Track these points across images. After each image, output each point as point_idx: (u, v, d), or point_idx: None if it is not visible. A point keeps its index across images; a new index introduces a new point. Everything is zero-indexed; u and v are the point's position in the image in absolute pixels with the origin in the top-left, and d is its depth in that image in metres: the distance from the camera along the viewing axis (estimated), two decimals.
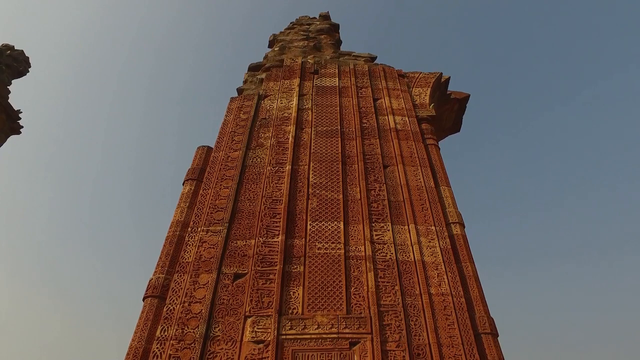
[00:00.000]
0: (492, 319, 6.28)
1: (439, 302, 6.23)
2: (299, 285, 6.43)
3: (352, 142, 8.73)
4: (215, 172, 8.14)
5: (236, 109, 9.60)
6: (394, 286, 6.37)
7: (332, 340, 5.80)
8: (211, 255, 6.81)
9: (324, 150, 8.56)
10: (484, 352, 5.85)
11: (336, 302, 6.22)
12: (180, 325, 6.01)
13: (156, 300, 6.40)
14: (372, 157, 8.43)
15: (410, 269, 6.63)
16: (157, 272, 6.76)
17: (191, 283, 6.48)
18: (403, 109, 9.70)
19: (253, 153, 8.57)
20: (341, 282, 6.43)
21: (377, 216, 7.37)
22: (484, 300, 6.47)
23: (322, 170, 8.16)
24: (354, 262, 6.71)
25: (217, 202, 7.60)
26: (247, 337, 5.89)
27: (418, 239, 7.02)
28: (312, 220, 7.31)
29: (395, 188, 7.90)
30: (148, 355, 5.80)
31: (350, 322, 5.95)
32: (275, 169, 8.16)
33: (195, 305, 6.22)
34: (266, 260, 6.70)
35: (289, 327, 5.95)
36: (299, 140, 8.79)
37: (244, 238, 7.08)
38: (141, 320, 6.23)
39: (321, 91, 10.12)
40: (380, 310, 6.06)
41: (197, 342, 5.81)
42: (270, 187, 7.82)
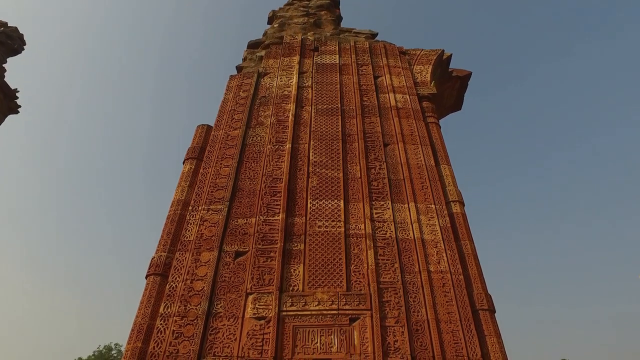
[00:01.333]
0: (490, 296, 6.37)
1: (438, 280, 6.31)
2: (300, 262, 6.50)
3: (352, 120, 8.69)
4: (215, 150, 8.13)
5: (236, 87, 9.51)
6: (394, 264, 6.44)
7: (333, 317, 5.90)
8: (212, 233, 6.86)
9: (324, 129, 8.53)
10: (481, 328, 5.95)
11: (336, 279, 6.30)
12: (182, 302, 6.10)
13: (159, 278, 6.49)
14: (372, 136, 8.40)
15: (409, 247, 6.68)
16: (159, 251, 6.82)
17: (193, 261, 6.55)
18: (404, 87, 9.61)
19: (253, 131, 8.53)
20: (341, 260, 6.49)
21: (377, 194, 7.39)
22: (482, 278, 6.55)
23: (322, 149, 8.15)
24: (354, 240, 6.76)
25: (218, 180, 7.62)
26: (249, 314, 5.99)
27: (418, 217, 7.06)
28: (313, 198, 7.33)
29: (395, 166, 7.90)
30: (152, 331, 5.91)
31: (350, 299, 6.04)
32: (275, 147, 8.15)
33: (197, 283, 6.30)
34: (267, 238, 6.75)
35: (290, 303, 6.05)
36: (299, 119, 8.74)
37: (244, 216, 7.12)
38: (144, 297, 6.32)
39: (321, 69, 10.01)
40: (380, 287, 6.14)
41: (200, 318, 5.92)
42: (271, 166, 7.82)
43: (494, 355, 5.71)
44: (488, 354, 5.72)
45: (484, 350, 5.72)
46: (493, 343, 5.80)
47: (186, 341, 5.72)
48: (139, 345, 5.79)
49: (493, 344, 5.79)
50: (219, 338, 5.79)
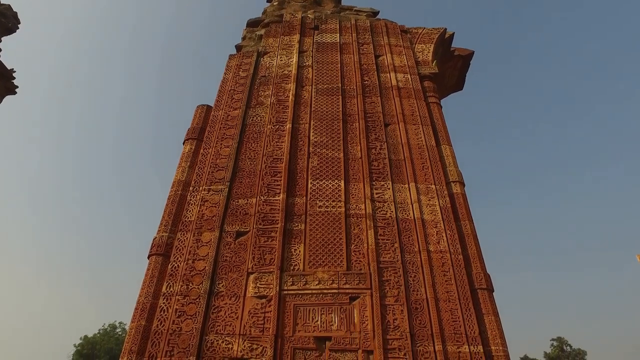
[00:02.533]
0: (489, 275, 6.44)
1: (437, 259, 6.37)
2: (300, 242, 6.55)
3: (353, 100, 8.63)
4: (215, 131, 8.10)
5: (235, 67, 9.42)
6: (394, 243, 6.49)
7: (333, 296, 5.98)
8: (213, 213, 6.89)
9: (325, 109, 8.47)
10: (479, 307, 6.04)
11: (337, 258, 6.36)
12: (185, 282, 6.18)
13: (161, 258, 6.55)
14: (373, 116, 8.36)
15: (409, 227, 6.72)
16: (161, 231, 6.87)
17: (194, 241, 6.59)
18: (405, 66, 9.51)
19: (253, 111, 8.49)
20: (341, 240, 6.54)
21: (378, 175, 7.40)
22: (481, 258, 6.61)
23: (322, 129, 8.11)
24: (354, 220, 6.80)
25: (218, 161, 7.61)
26: (250, 293, 6.07)
27: (418, 198, 7.08)
28: (313, 178, 7.34)
29: (396, 146, 7.88)
30: (155, 310, 6.00)
31: (351, 278, 6.10)
32: (275, 127, 8.11)
33: (199, 263, 6.37)
34: (267, 219, 6.78)
35: (291, 282, 6.12)
36: (300, 99, 8.68)
37: (245, 197, 7.14)
38: (147, 277, 6.39)
39: (322, 48, 9.89)
40: (380, 267, 6.21)
41: (202, 297, 6.00)
42: (271, 146, 7.80)
43: (492, 333, 5.80)
44: (486, 331, 5.81)
45: (482, 328, 5.82)
46: (491, 321, 5.90)
47: (189, 319, 5.81)
48: (142, 323, 5.89)
49: (491, 322, 5.89)
50: (221, 316, 5.88)
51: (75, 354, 30.63)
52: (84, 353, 30.26)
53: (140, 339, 5.76)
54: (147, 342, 5.71)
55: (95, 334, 32.39)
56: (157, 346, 5.63)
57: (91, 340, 31.33)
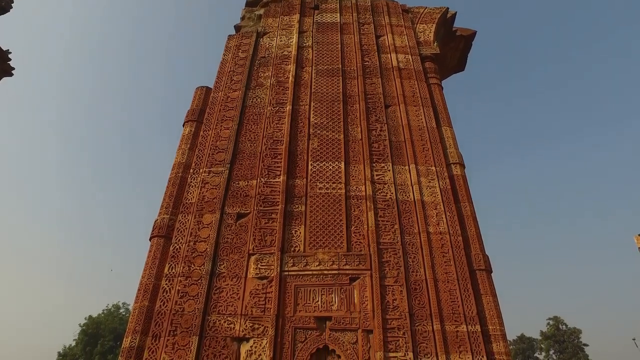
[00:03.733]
0: (487, 256, 6.50)
1: (437, 241, 6.41)
2: (301, 224, 6.59)
3: (353, 82, 8.56)
4: (215, 113, 8.07)
5: (234, 48, 9.32)
6: (394, 225, 6.52)
7: (333, 276, 6.05)
8: (214, 195, 6.92)
9: (325, 90, 8.42)
10: (478, 287, 6.11)
11: (337, 240, 6.40)
12: (186, 263, 6.24)
13: (162, 240, 6.60)
14: (373, 97, 8.31)
15: (409, 209, 6.75)
16: (162, 213, 6.90)
17: (195, 223, 6.64)
18: (406, 47, 9.40)
19: (253, 93, 8.43)
20: (342, 221, 6.58)
21: (378, 156, 7.39)
22: (480, 239, 6.66)
23: (323, 110, 8.08)
24: (354, 201, 6.82)
25: (218, 143, 7.60)
26: (251, 274, 6.14)
27: (418, 179, 7.09)
28: (313, 160, 7.34)
29: (396, 128, 7.85)
30: (158, 291, 6.08)
31: (351, 259, 6.16)
32: (275, 109, 8.08)
33: (200, 244, 6.42)
34: (268, 200, 6.81)
35: (291, 264, 6.18)
36: (300, 80, 8.62)
37: (245, 178, 7.16)
38: (149, 258, 6.45)
39: (322, 28, 9.77)
40: (380, 248, 6.26)
41: (204, 278, 6.07)
42: (271, 128, 7.78)
43: (489, 312, 5.89)
44: (483, 311, 5.90)
45: (480, 308, 5.90)
46: (489, 301, 5.97)
47: (191, 300, 5.89)
48: (145, 304, 5.97)
49: (489, 302, 5.97)
50: (223, 297, 5.96)
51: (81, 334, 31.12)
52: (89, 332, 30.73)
53: (144, 319, 5.85)
54: (151, 322, 5.81)
55: (100, 314, 32.85)
56: (160, 326, 5.72)
57: (96, 320, 31.79)
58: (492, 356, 5.56)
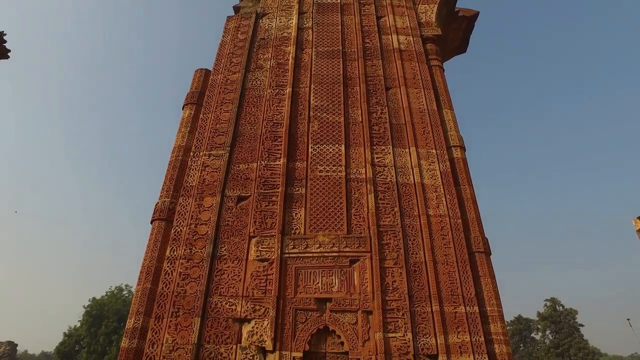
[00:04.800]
0: (486, 239, 6.53)
1: (437, 223, 6.44)
2: (301, 206, 6.62)
3: (354, 63, 8.48)
4: (214, 95, 8.02)
5: (233, 29, 9.21)
6: (394, 207, 6.55)
7: (333, 258, 6.10)
8: (214, 178, 6.93)
9: (325, 72, 8.35)
10: (477, 269, 6.16)
11: (337, 222, 6.44)
12: (188, 246, 6.29)
13: (163, 223, 6.64)
14: (374, 79, 8.24)
15: (409, 191, 6.77)
16: (163, 196, 6.93)
17: (196, 206, 6.67)
18: (407, 28, 9.29)
19: (252, 75, 8.37)
20: (342, 204, 6.60)
21: (379, 139, 7.37)
22: (479, 221, 6.69)
23: (323, 93, 8.03)
24: (354, 184, 6.84)
25: (218, 126, 7.58)
26: (252, 256, 6.19)
27: (418, 162, 7.08)
28: (314, 143, 7.33)
29: (397, 111, 7.81)
30: (160, 273, 6.14)
31: (351, 242, 6.20)
32: (275, 91, 8.03)
33: (201, 227, 6.46)
34: (268, 183, 6.83)
35: (292, 246, 6.23)
36: (299, 62, 8.54)
37: (245, 161, 7.16)
38: (151, 241, 6.50)
39: (322, 8, 9.63)
40: (380, 231, 6.29)
41: (205, 261, 6.12)
42: (271, 110, 7.75)
43: (487, 294, 5.95)
44: (482, 293, 5.96)
45: (478, 290, 5.97)
46: (487, 283, 6.04)
47: (193, 282, 5.96)
48: (148, 286, 6.05)
49: (487, 284, 6.03)
50: (224, 279, 6.03)
51: (85, 315, 31.55)
52: (93, 314, 31.17)
53: (147, 301, 5.93)
54: (153, 303, 5.89)
55: (103, 296, 33.26)
56: (163, 307, 5.80)
57: (99, 301, 32.20)
58: (489, 336, 5.64)
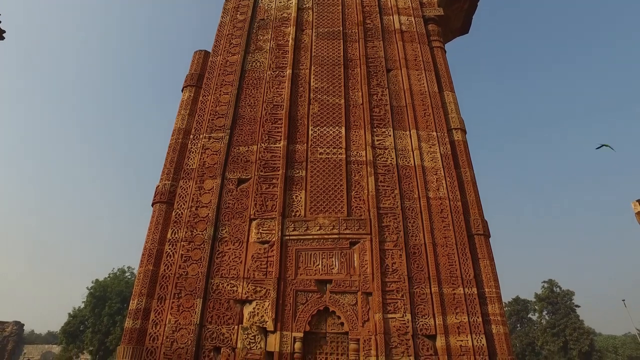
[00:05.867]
0: (486, 221, 6.56)
1: (437, 206, 6.46)
2: (302, 189, 6.63)
3: (354, 45, 8.39)
4: (214, 77, 7.96)
5: (232, 9, 9.08)
6: (394, 190, 6.56)
7: (333, 240, 6.14)
8: (214, 161, 6.93)
9: (326, 53, 8.26)
10: (476, 251, 6.21)
11: (337, 205, 6.46)
12: (189, 228, 6.33)
13: (164, 206, 6.67)
14: (375, 61, 8.16)
15: (410, 174, 6.76)
16: (163, 179, 6.94)
17: (197, 189, 6.68)
18: (409, 8, 9.15)
19: (252, 57, 8.29)
20: (342, 186, 6.61)
21: (379, 121, 7.34)
22: (479, 204, 6.70)
23: (323, 74, 7.96)
24: (355, 166, 6.83)
25: (218, 108, 7.54)
26: (253, 238, 6.23)
27: (419, 145, 7.06)
28: (314, 125, 7.30)
29: (398, 93, 7.76)
30: (162, 256, 6.20)
31: (351, 224, 6.23)
32: (275, 73, 7.96)
33: (202, 210, 6.49)
34: (269, 166, 6.83)
35: (292, 228, 6.26)
36: (300, 43, 8.45)
37: (246, 144, 7.15)
38: (152, 224, 6.54)
39: None
40: (380, 213, 6.32)
41: (206, 243, 6.17)
42: (271, 92, 7.70)
43: (486, 276, 6.01)
44: (480, 274, 6.02)
45: (477, 272, 6.02)
46: (486, 265, 6.08)
47: (194, 264, 6.02)
48: (150, 268, 6.11)
49: (486, 266, 6.08)
50: (225, 261, 6.08)
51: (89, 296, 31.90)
52: (96, 295, 31.50)
53: (149, 283, 6.00)
54: (156, 285, 5.96)
55: (106, 277, 33.55)
56: (165, 289, 5.87)
57: (102, 283, 32.51)
58: (487, 317, 5.72)
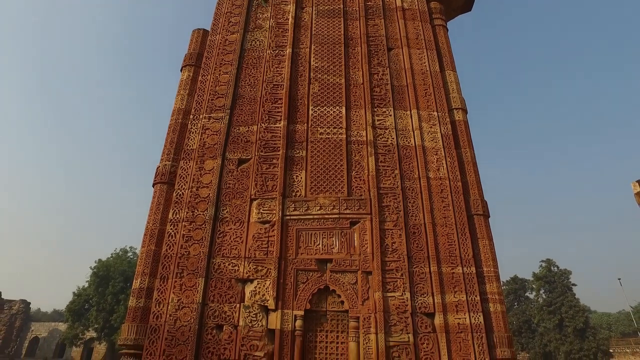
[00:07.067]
0: (485, 202, 6.58)
1: (437, 186, 6.47)
2: (302, 169, 6.63)
3: (355, 23, 8.27)
4: (213, 56, 7.88)
5: None
6: (394, 170, 6.56)
7: (334, 220, 6.17)
8: (215, 141, 6.91)
9: (326, 32, 8.16)
10: (475, 231, 6.24)
11: (338, 185, 6.47)
12: (190, 209, 6.36)
13: (165, 187, 6.69)
14: (376, 39, 8.06)
15: (410, 154, 6.76)
16: (164, 160, 6.94)
17: (197, 169, 6.69)
18: None
19: (251, 36, 8.19)
20: (342, 166, 6.62)
21: (380, 101, 7.29)
22: (479, 185, 6.71)
23: (323, 53, 7.87)
24: (355, 146, 6.82)
25: (217, 88, 7.49)
26: (254, 218, 6.27)
27: (419, 125, 7.04)
28: (314, 105, 7.26)
29: (398, 72, 7.68)
30: (163, 236, 6.25)
31: (351, 204, 6.26)
32: (275, 52, 7.87)
33: (202, 190, 6.51)
34: (269, 146, 6.82)
35: (293, 208, 6.29)
36: (299, 21, 8.33)
37: (246, 124, 7.12)
38: (153, 204, 6.57)
39: None
40: (380, 193, 6.34)
41: (207, 223, 6.21)
42: (271, 72, 7.63)
43: (485, 255, 6.06)
44: (479, 254, 6.07)
45: (476, 251, 6.07)
46: (485, 245, 6.13)
47: (196, 244, 6.07)
48: (152, 248, 6.16)
49: (485, 246, 6.12)
50: (226, 241, 6.13)
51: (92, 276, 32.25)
52: (100, 274, 31.84)
53: (152, 262, 6.07)
54: (158, 265, 6.02)
55: (109, 257, 33.86)
56: (167, 268, 5.94)
57: (105, 263, 32.82)
58: (485, 295, 5.79)
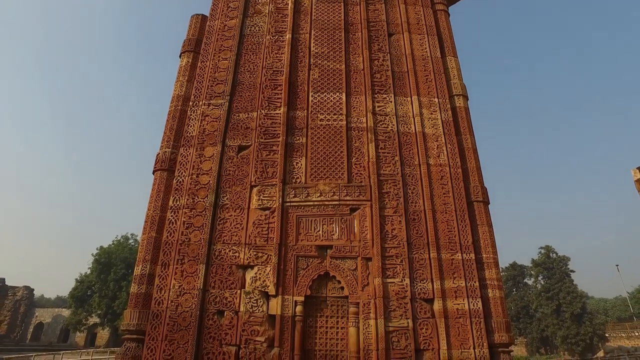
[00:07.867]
0: (485, 188, 6.58)
1: (437, 172, 6.46)
2: (302, 155, 6.62)
3: (355, 8, 8.17)
4: (212, 42, 7.80)
5: None
6: (394, 157, 6.55)
7: (334, 207, 6.18)
8: (214, 128, 6.89)
9: (326, 17, 8.07)
10: (474, 218, 6.25)
11: (338, 171, 6.47)
12: (190, 195, 6.37)
13: (165, 174, 6.68)
14: (376, 25, 7.97)
15: (410, 140, 6.74)
16: (164, 147, 6.92)
17: (197, 156, 6.68)
18: None
19: (251, 21, 8.10)
20: (343, 153, 6.61)
21: (380, 87, 7.25)
22: (479, 171, 6.70)
23: (323, 39, 7.80)
24: (355, 133, 6.80)
25: (217, 74, 7.44)
26: (254, 205, 6.28)
27: (420, 111, 7.00)
28: (314, 91, 7.22)
29: (399, 58, 7.62)
30: (164, 223, 6.26)
31: (351, 190, 6.26)
32: (274, 38, 7.80)
33: (203, 177, 6.51)
34: (269, 132, 6.79)
35: (293, 195, 6.29)
36: (299, 6, 8.23)
37: (245, 110, 7.09)
38: (153, 191, 6.58)
39: None
40: (380, 180, 6.33)
41: (208, 210, 6.22)
42: (271, 58, 7.57)
43: (484, 242, 6.08)
44: (479, 240, 6.09)
45: (475, 238, 6.09)
46: (484, 232, 6.15)
47: (196, 231, 6.09)
48: (153, 235, 6.19)
49: (484, 232, 6.14)
50: (227, 227, 6.15)
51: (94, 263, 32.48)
52: (101, 261, 32.08)
53: (153, 249, 6.09)
54: (159, 251, 6.05)
55: (110, 244, 34.06)
56: (168, 255, 5.97)
57: (107, 250, 33.04)
58: (484, 282, 5.83)
